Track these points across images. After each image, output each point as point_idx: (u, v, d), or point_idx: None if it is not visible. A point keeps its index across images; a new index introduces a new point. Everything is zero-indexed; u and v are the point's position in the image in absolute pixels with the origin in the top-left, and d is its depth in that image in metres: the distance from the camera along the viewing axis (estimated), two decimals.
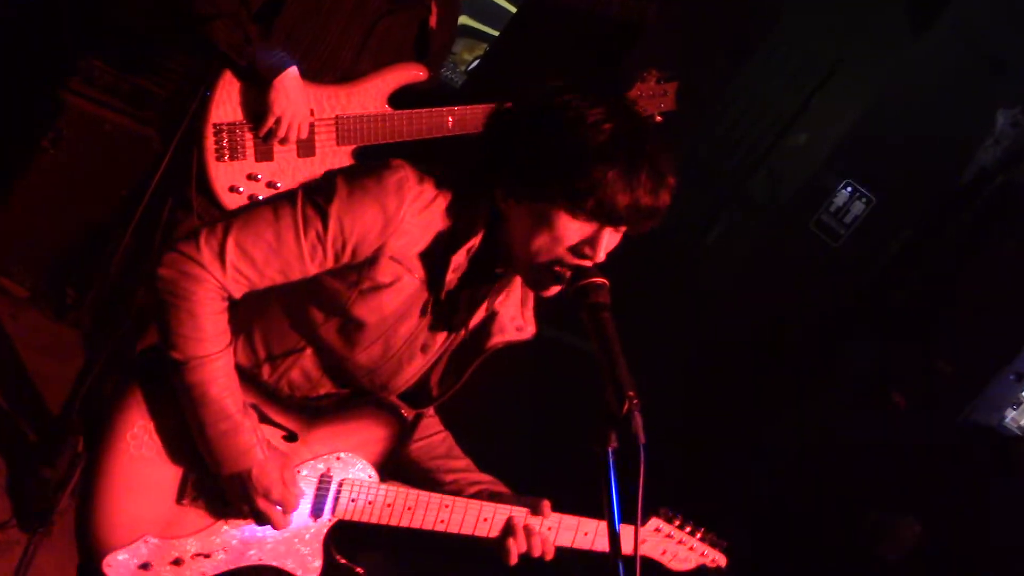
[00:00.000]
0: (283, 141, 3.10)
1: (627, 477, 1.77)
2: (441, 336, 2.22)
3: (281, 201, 2.04)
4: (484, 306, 2.23)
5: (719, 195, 5.02)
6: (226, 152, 3.07)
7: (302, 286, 2.09)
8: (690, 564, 2.50)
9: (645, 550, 2.42)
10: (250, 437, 2.06)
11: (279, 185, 3.16)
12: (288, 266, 2.03)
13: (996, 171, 4.41)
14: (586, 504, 2.41)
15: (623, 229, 2.04)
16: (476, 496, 2.31)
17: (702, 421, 4.57)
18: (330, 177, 2.06)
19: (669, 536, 2.43)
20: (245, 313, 2.13)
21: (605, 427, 1.81)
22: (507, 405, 4.61)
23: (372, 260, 2.05)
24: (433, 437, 2.44)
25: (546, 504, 2.31)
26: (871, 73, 4.75)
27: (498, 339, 2.25)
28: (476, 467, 2.42)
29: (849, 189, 4.65)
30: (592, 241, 2.01)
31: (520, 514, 2.28)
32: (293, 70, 3.02)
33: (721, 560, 2.54)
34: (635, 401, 1.83)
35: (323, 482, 2.20)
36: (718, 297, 4.75)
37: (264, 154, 3.11)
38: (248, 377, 2.12)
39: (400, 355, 2.19)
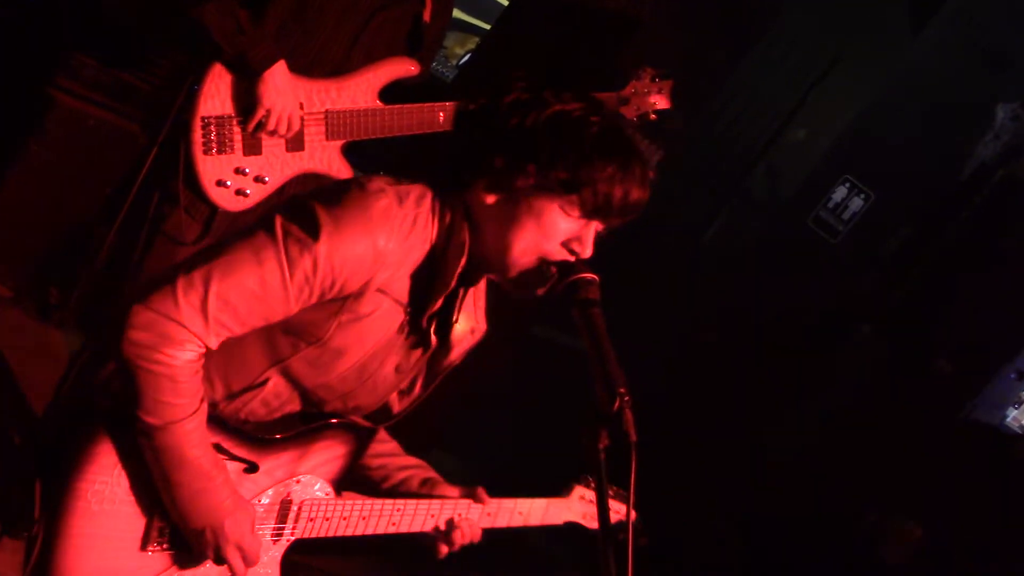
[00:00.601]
0: (272, 135, 3.10)
1: (619, 476, 1.79)
2: (415, 355, 2.21)
3: (260, 240, 1.96)
4: (453, 319, 2.22)
5: (717, 191, 5.02)
6: (214, 145, 3.07)
7: None
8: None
9: (569, 517, 2.56)
10: (222, 492, 2.03)
11: (267, 180, 3.16)
12: (272, 311, 1.98)
13: (996, 166, 4.41)
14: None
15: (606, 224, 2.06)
16: (407, 482, 2.37)
17: (698, 420, 4.57)
18: (308, 207, 1.98)
19: (591, 502, 2.52)
20: None
21: (595, 425, 1.79)
22: (495, 404, 4.60)
23: (358, 294, 2.01)
24: None
25: (481, 491, 2.37)
26: (871, 69, 4.75)
27: (458, 351, 2.25)
28: (403, 451, 2.44)
29: (847, 185, 4.65)
30: (581, 237, 2.03)
31: (463, 506, 2.36)
32: (282, 64, 3.02)
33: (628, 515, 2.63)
34: (626, 398, 1.82)
35: (283, 506, 2.21)
36: (715, 294, 4.75)
37: (252, 148, 3.11)
38: (208, 415, 2.04)
39: (374, 378, 2.17)
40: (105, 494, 2.01)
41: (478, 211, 2.06)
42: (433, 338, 2.19)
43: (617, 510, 2.57)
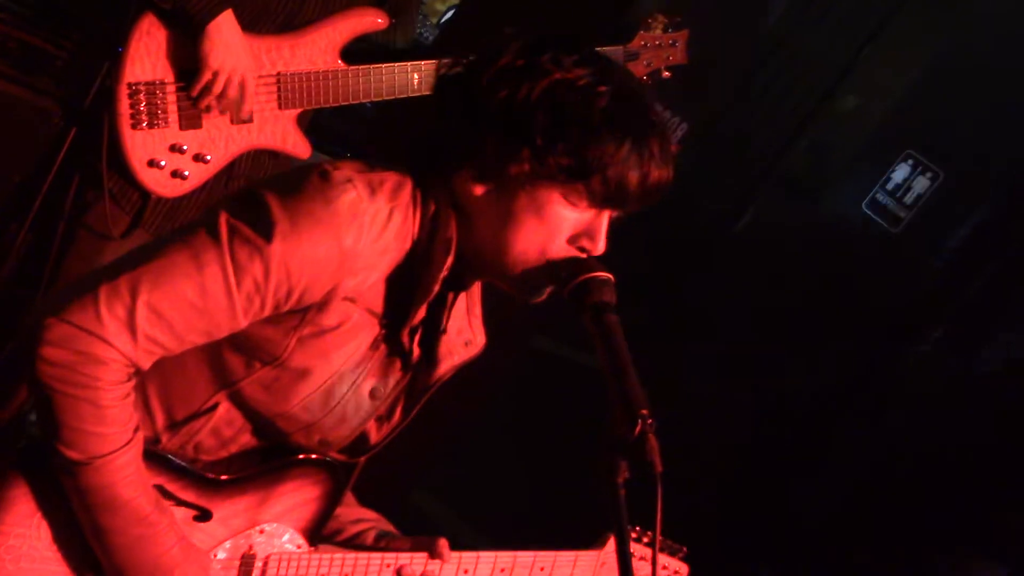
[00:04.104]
0: (220, 102, 3.07)
1: (641, 512, 1.78)
2: (394, 378, 2.19)
3: (200, 240, 1.92)
4: (441, 330, 2.21)
5: (751, 172, 5.00)
6: (143, 118, 3.05)
7: None
8: None
9: (605, 572, 2.54)
10: (167, 538, 2.01)
11: (208, 158, 3.15)
12: (215, 326, 1.94)
13: None
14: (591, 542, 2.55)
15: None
16: (362, 536, 2.37)
17: (733, 445, 4.57)
18: (259, 200, 1.95)
19: (637, 556, 2.49)
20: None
21: (613, 454, 1.78)
22: (499, 430, 4.60)
23: (321, 304, 1.99)
24: None
25: (443, 544, 2.33)
26: (936, 20, 4.74)
27: (447, 364, 2.25)
28: (357, 502, 2.45)
29: (910, 162, 4.65)
30: (591, 231, 2.01)
31: (469, 561, 2.37)
32: (229, 14, 3.00)
33: (683, 569, 2.67)
34: (649, 422, 1.79)
35: (245, 562, 2.19)
36: (750, 294, 4.74)
37: (190, 120, 3.10)
38: (147, 451, 2.02)
39: (344, 405, 2.14)
40: (23, 550, 1.98)
41: (468, 203, 2.04)
42: (416, 352, 2.17)
43: (667, 565, 2.59)
